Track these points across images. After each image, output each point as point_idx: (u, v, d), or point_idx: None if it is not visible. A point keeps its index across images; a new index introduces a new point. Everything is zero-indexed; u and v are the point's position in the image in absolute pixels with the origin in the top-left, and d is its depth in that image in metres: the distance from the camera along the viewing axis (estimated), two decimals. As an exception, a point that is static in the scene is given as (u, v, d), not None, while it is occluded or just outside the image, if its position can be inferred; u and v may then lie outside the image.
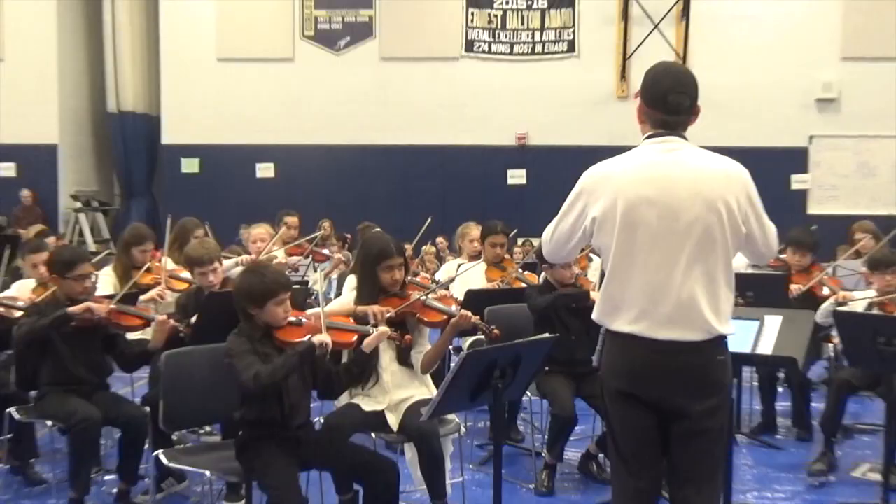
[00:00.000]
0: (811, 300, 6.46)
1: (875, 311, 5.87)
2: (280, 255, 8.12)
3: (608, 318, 3.51)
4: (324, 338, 4.23)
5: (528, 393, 6.00)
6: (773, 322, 4.82)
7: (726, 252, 3.41)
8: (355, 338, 4.60)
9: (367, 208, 12.62)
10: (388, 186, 15.07)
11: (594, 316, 3.60)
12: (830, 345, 6.85)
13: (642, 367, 3.45)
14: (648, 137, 3.48)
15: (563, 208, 3.57)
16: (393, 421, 4.87)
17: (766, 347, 4.61)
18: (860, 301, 6.29)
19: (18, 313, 5.48)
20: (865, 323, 5.27)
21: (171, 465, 4.58)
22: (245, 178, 15.71)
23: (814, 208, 14.88)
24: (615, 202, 3.39)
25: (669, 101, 3.43)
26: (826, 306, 6.23)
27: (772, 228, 3.55)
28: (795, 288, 6.70)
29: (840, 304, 6.19)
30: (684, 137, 3.46)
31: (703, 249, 3.38)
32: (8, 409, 5.26)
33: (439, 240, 11.95)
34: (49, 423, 5.06)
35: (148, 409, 5.12)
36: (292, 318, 4.44)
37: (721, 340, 3.45)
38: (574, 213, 3.51)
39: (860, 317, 5.48)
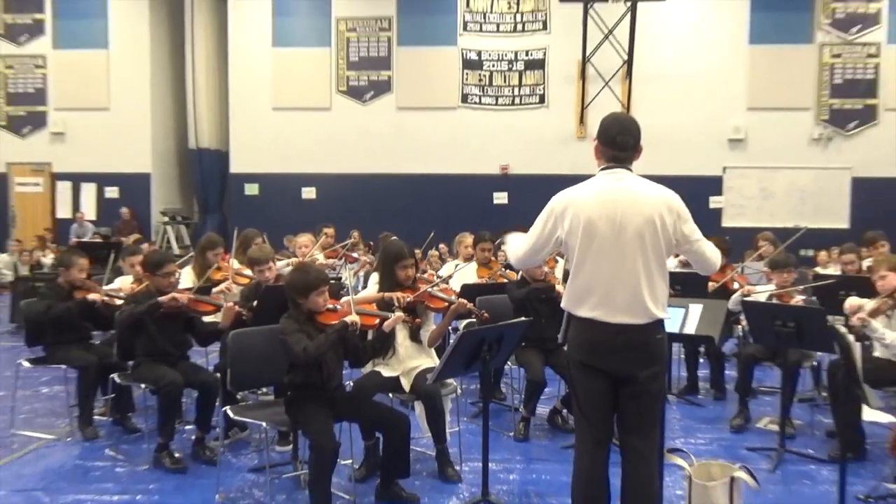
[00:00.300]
0: (724, 293, 6.48)
1: (774, 301, 5.89)
2: (320, 257, 8.12)
3: (573, 306, 3.56)
4: (354, 318, 4.26)
5: (508, 362, 6.01)
6: (696, 309, 4.84)
7: (661, 255, 3.48)
8: (377, 321, 4.61)
9: (386, 221, 12.59)
10: (402, 205, 15.07)
11: (563, 304, 3.64)
12: (739, 326, 6.84)
13: (600, 344, 3.50)
14: (602, 169, 3.56)
15: (536, 225, 3.62)
16: (406, 384, 4.91)
17: (690, 328, 4.64)
18: (762, 293, 6.31)
19: (119, 302, 5.49)
20: (766, 310, 5.32)
21: (236, 417, 4.59)
22: (293, 199, 15.70)
23: (727, 223, 14.88)
24: (578, 219, 3.46)
25: (618, 142, 3.54)
26: (736, 297, 6.26)
27: (711, 247, 3.65)
28: (712, 283, 6.71)
29: (746, 296, 6.20)
30: (630, 169, 3.54)
31: (644, 253, 3.44)
32: (111, 375, 5.31)
33: (441, 246, 11.93)
34: (142, 385, 5.06)
35: (218, 375, 5.16)
36: (329, 306, 4.45)
37: (659, 323, 3.51)
38: (547, 229, 3.57)
39: (762, 305, 5.51)
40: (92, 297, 5.57)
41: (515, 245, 3.78)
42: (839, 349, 4.29)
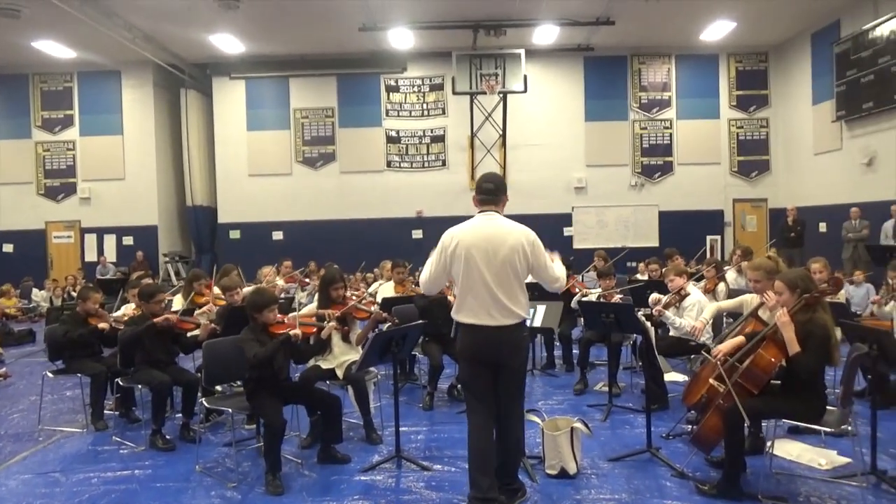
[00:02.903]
0: (568, 295, 6.51)
1: (601, 300, 5.98)
2: (280, 282, 7.93)
3: (458, 315, 3.54)
4: (297, 332, 4.13)
5: (418, 353, 5.93)
6: (541, 309, 4.88)
7: (521, 275, 3.48)
8: (316, 329, 4.51)
9: (335, 254, 12.36)
10: (346, 242, 14.81)
11: (452, 313, 3.61)
12: (581, 318, 6.91)
13: (480, 342, 3.47)
14: (480, 212, 3.55)
15: (432, 259, 3.60)
16: (339, 374, 4.81)
17: (537, 322, 4.67)
18: (594, 294, 6.41)
19: (121, 326, 5.21)
20: (595, 306, 5.36)
21: (210, 406, 4.39)
22: (266, 241, 15.28)
23: (576, 245, 15.11)
24: (461, 249, 3.45)
25: (483, 188, 3.57)
26: (577, 298, 6.33)
27: (555, 273, 3.56)
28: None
29: (583, 297, 6.28)
30: (498, 212, 3.53)
31: (510, 274, 3.44)
32: (116, 379, 5.03)
33: (376, 270, 11.79)
34: (140, 385, 4.81)
35: (199, 374, 4.92)
36: (279, 319, 4.32)
37: (523, 322, 3.50)
38: (441, 261, 3.53)
39: (592, 303, 5.54)
40: (101, 325, 5.31)
41: (423, 276, 3.72)
42: (641, 332, 4.37)
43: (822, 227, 13.40)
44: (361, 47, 14.52)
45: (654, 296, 5.56)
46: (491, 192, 3.55)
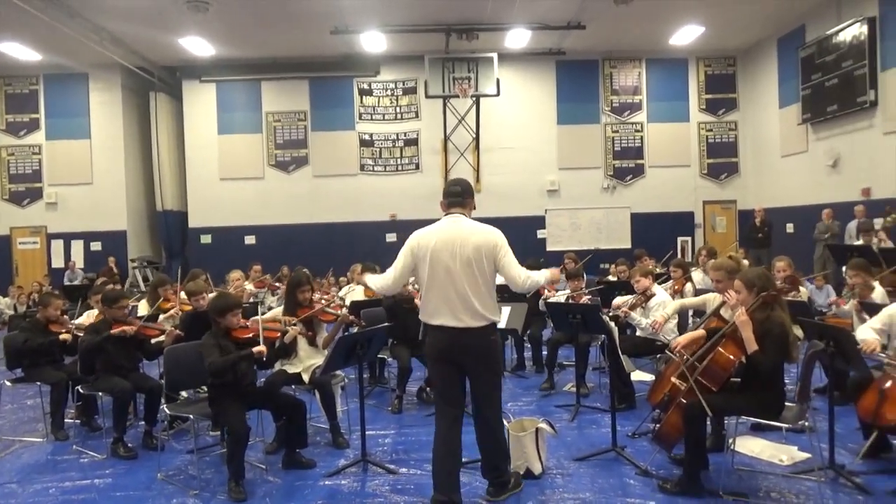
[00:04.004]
0: (537, 296, 6.48)
1: (570, 301, 6.01)
2: (249, 286, 7.85)
3: (426, 317, 3.53)
4: (261, 349, 4.08)
5: (387, 356, 5.91)
6: (506, 310, 4.89)
7: (487, 276, 3.46)
8: (279, 334, 4.47)
9: (308, 258, 12.28)
10: (319, 245, 14.76)
11: (420, 316, 3.61)
12: (550, 319, 6.92)
13: (448, 344, 3.46)
14: (446, 215, 3.56)
15: (399, 260, 3.59)
16: (306, 378, 4.76)
17: (502, 324, 4.67)
18: (562, 295, 6.43)
19: (81, 334, 5.09)
20: (562, 308, 5.40)
21: (172, 412, 4.33)
22: (238, 245, 15.12)
23: (549, 248, 15.15)
24: (426, 251, 3.46)
25: (450, 191, 3.60)
26: (542, 300, 6.34)
27: (520, 273, 3.46)
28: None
29: (546, 299, 6.30)
30: (465, 214, 3.55)
31: (475, 275, 3.43)
32: (77, 387, 4.92)
33: (349, 274, 11.73)
34: (101, 393, 4.72)
35: (163, 381, 4.83)
36: (242, 324, 4.27)
37: (493, 325, 3.50)
38: (407, 260, 3.55)
39: (559, 304, 5.59)
40: (63, 337, 5.20)
41: (386, 276, 3.68)
42: (606, 332, 4.40)
43: (790, 227, 13.65)
44: (334, 50, 14.47)
45: (617, 299, 5.61)
46: (458, 194, 3.57)
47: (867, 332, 3.97)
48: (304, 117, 15.50)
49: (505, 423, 4.23)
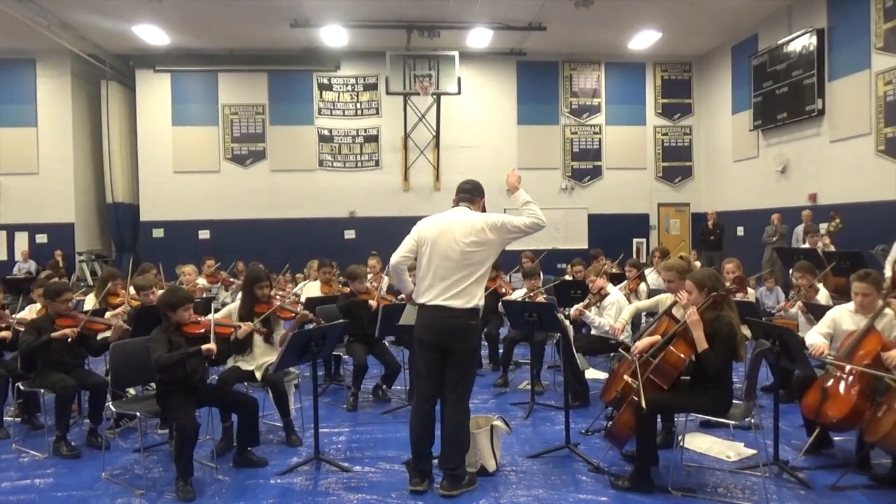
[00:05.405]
0: (495, 295, 6.57)
1: (526, 300, 6.05)
2: (202, 281, 7.68)
3: (419, 296, 3.75)
4: (210, 346, 3.99)
5: (342, 353, 5.85)
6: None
7: (478, 265, 3.69)
8: (232, 330, 4.39)
9: (264, 254, 12.05)
10: (276, 241, 14.55)
11: (413, 296, 3.83)
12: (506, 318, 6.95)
13: (425, 320, 3.69)
14: (454, 206, 3.88)
15: (407, 241, 3.81)
16: (258, 375, 4.66)
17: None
18: (518, 294, 6.47)
19: (22, 329, 4.88)
20: (518, 306, 5.43)
21: (117, 409, 4.19)
22: (192, 240, 14.79)
23: (508, 247, 15.17)
24: (427, 235, 3.74)
25: (461, 188, 3.96)
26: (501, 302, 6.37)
27: (522, 221, 3.76)
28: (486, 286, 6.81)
29: (503, 297, 6.34)
30: (471, 208, 3.87)
31: (466, 262, 3.67)
32: (17, 384, 4.72)
33: (305, 271, 11.58)
34: (43, 390, 4.53)
35: (108, 377, 4.68)
36: (193, 319, 4.17)
37: (474, 311, 3.69)
38: (412, 242, 3.78)
39: (515, 303, 5.62)
40: (2, 335, 4.98)
41: (396, 254, 3.82)
42: (561, 331, 4.45)
43: (740, 230, 14.05)
44: (294, 43, 14.27)
45: (573, 309, 5.61)
46: (467, 190, 3.91)
47: (815, 337, 4.10)
48: (262, 111, 15.25)
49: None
